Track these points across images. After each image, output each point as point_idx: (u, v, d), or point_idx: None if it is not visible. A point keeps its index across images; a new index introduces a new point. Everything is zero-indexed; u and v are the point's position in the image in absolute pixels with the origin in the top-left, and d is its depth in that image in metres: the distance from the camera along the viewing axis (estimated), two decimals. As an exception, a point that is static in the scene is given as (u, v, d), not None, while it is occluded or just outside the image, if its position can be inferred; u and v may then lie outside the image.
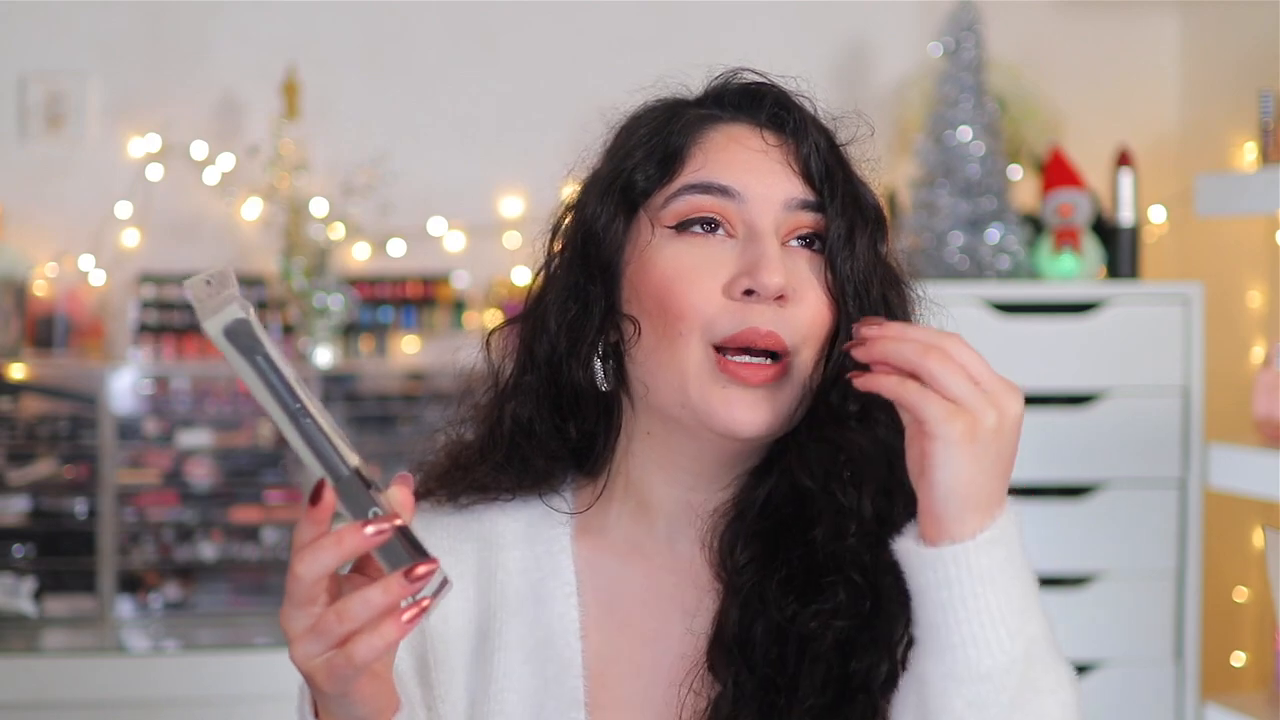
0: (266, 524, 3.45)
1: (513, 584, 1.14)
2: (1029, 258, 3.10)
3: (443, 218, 3.57)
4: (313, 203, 3.45)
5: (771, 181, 1.10)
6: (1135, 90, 3.60)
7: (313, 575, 0.90)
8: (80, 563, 3.37)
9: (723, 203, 1.09)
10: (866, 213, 1.12)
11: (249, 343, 0.88)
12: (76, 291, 3.52)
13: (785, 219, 1.09)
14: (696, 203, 1.09)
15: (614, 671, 1.12)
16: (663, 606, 1.13)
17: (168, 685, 3.12)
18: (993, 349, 1.05)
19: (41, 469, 3.42)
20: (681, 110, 1.14)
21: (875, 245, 1.12)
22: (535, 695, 1.11)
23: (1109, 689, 2.97)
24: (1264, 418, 2.38)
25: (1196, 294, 2.97)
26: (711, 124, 1.13)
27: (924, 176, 3.15)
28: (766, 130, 1.12)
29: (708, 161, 1.11)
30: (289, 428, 0.89)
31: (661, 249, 1.09)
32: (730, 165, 1.10)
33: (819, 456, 1.08)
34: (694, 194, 1.09)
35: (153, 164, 3.52)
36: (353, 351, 3.54)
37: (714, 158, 1.11)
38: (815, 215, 1.10)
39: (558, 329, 1.13)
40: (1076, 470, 2.97)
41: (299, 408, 0.88)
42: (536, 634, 1.12)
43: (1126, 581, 2.98)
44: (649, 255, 1.10)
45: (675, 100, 1.16)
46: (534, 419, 1.14)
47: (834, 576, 1.06)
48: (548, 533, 1.15)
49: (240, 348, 0.88)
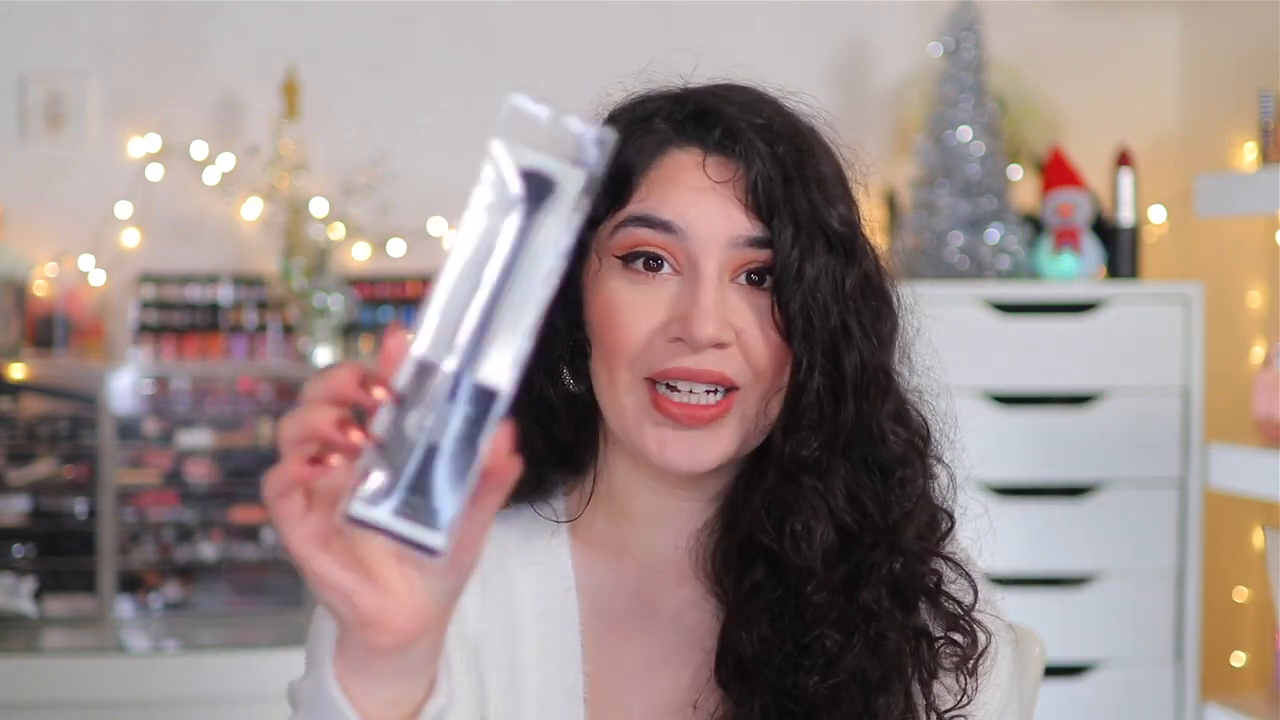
0: (266, 524, 3.45)
1: (516, 590, 1.13)
2: (1029, 258, 3.10)
3: (443, 218, 3.57)
4: (313, 203, 3.45)
5: (715, 217, 1.04)
6: (1135, 90, 3.60)
7: (292, 432, 0.74)
8: (80, 563, 3.37)
9: (665, 238, 1.04)
10: (830, 238, 1.05)
11: (562, 202, 0.68)
12: (76, 291, 3.52)
13: (731, 256, 1.05)
14: (639, 236, 1.05)
15: (613, 682, 1.12)
16: (657, 613, 1.13)
17: (167, 685, 3.12)
18: (993, 349, 1.05)
19: (41, 469, 3.42)
20: (636, 129, 1.09)
21: (836, 270, 1.06)
22: (539, 690, 1.11)
23: (1109, 689, 2.97)
24: (1264, 418, 2.38)
25: (1196, 294, 2.97)
26: (662, 148, 1.07)
27: (924, 177, 3.15)
28: (715, 157, 1.06)
29: (652, 192, 1.06)
30: (451, 282, 0.69)
31: (608, 280, 1.06)
32: (673, 199, 1.05)
33: (770, 507, 1.06)
34: (637, 227, 1.05)
35: (153, 164, 3.52)
36: (353, 352, 3.54)
37: (659, 189, 1.06)
38: (764, 251, 1.04)
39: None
40: (1076, 470, 2.97)
41: (481, 281, 0.69)
42: (540, 637, 1.12)
43: (1126, 582, 2.98)
44: (597, 283, 1.07)
45: (636, 112, 1.11)
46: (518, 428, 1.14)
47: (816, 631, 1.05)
48: (545, 540, 1.15)
49: (525, 199, 0.68)
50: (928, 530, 1.10)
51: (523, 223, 0.68)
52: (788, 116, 1.10)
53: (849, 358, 1.06)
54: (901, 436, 1.09)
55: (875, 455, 1.07)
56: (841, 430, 1.06)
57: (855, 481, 1.07)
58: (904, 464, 1.08)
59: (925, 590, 1.08)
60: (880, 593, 1.06)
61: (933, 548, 1.10)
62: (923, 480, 1.10)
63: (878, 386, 1.07)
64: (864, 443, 1.07)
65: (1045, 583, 2.96)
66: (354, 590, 0.75)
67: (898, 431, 1.09)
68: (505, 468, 0.70)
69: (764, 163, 1.05)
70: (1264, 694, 2.68)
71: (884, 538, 1.07)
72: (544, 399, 1.11)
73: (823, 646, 1.04)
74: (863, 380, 1.06)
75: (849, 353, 1.06)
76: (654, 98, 1.12)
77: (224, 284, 3.52)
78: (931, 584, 1.09)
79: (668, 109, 1.09)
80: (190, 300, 3.50)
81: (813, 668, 1.04)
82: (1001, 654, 1.13)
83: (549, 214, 0.68)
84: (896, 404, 1.10)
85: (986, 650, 1.10)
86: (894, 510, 1.07)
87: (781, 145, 1.06)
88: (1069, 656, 2.94)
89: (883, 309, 1.10)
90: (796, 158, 1.06)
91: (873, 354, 1.07)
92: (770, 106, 1.10)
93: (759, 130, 1.06)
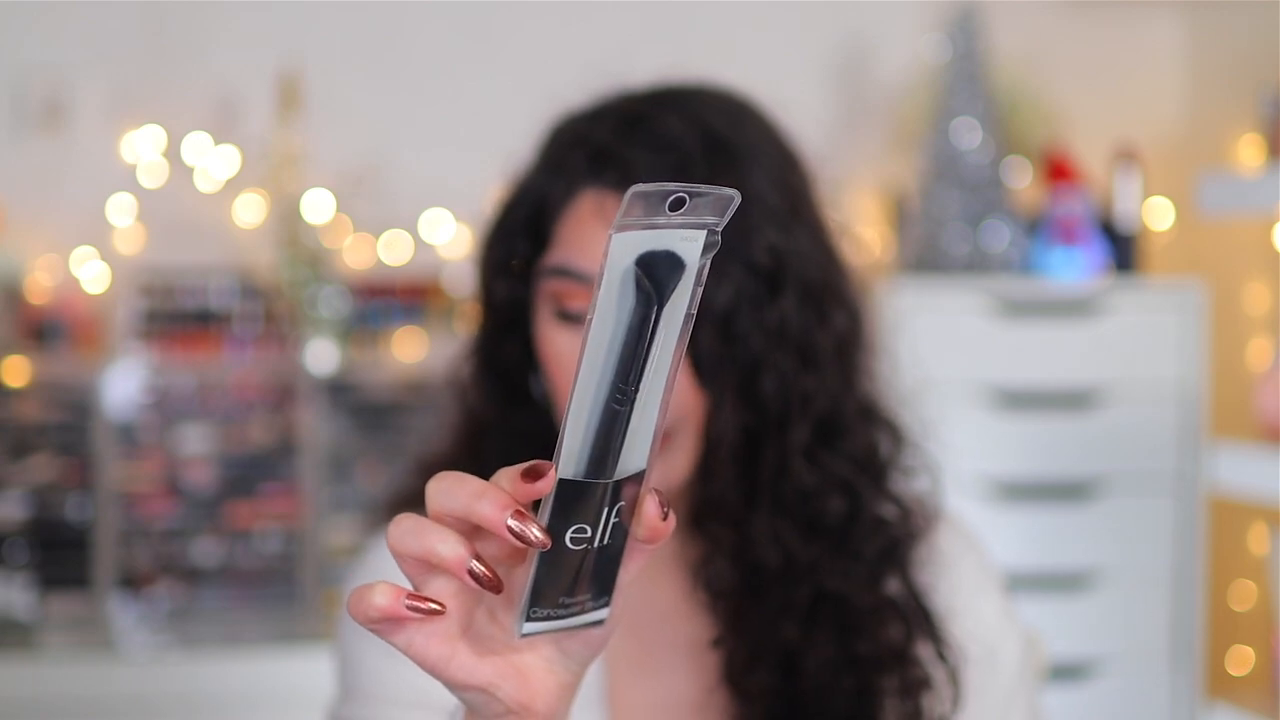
0: (265, 525, 3.44)
1: None
2: (1030, 256, 3.09)
3: (441, 216, 3.56)
4: (311, 201, 3.44)
5: None
6: (1138, 88, 3.59)
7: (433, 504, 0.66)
8: (78, 564, 3.36)
9: (580, 287, 1.03)
10: (748, 265, 1.01)
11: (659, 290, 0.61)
12: (73, 290, 3.51)
13: None
14: (556, 287, 1.05)
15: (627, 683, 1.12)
16: (659, 610, 1.13)
17: (166, 686, 3.11)
18: (993, 347, 1.03)
19: (39, 469, 3.41)
20: (550, 169, 1.08)
21: (757, 299, 1.01)
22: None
23: (1109, 689, 2.96)
24: (1269, 416, 2.37)
25: (1199, 292, 2.96)
26: (571, 190, 1.06)
27: (925, 174, 3.14)
28: (614, 197, 1.03)
29: (565, 239, 1.05)
30: (590, 398, 0.64)
31: (543, 326, 1.07)
32: (584, 245, 1.04)
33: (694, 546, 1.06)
34: (554, 278, 1.05)
35: (150, 162, 3.51)
36: (349, 351, 3.53)
37: (571, 235, 1.05)
38: None
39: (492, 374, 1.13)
40: (1077, 469, 2.96)
41: (626, 391, 0.63)
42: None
43: (1127, 581, 2.97)
44: (538, 327, 1.08)
45: (553, 148, 1.10)
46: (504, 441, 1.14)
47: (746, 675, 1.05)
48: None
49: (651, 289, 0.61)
50: (875, 556, 1.06)
51: (655, 313, 0.62)
52: (716, 134, 1.05)
53: (767, 390, 1.02)
54: (832, 466, 1.05)
55: (797, 489, 1.04)
56: (762, 467, 1.03)
57: (775, 519, 1.04)
58: (832, 495, 1.05)
59: (870, 614, 1.05)
60: (798, 628, 1.03)
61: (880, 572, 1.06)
62: (857, 507, 1.06)
63: (805, 414, 1.04)
64: (786, 478, 1.04)
65: (1045, 583, 2.95)
66: (494, 685, 0.69)
67: (828, 460, 1.05)
68: (660, 531, 0.67)
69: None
70: (1264, 695, 2.67)
71: (805, 574, 1.04)
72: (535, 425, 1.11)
73: (757, 684, 1.03)
74: (784, 411, 1.03)
75: (768, 384, 1.02)
76: (570, 126, 1.10)
77: (222, 283, 3.50)
78: (878, 607, 1.05)
79: (576, 145, 1.07)
80: (187, 299, 3.49)
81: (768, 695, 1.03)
82: (1003, 659, 1.12)
83: (678, 293, 0.62)
84: (835, 426, 1.06)
85: (963, 667, 1.08)
86: (817, 545, 1.04)
87: (693, 176, 1.02)
88: (1069, 656, 2.94)
89: (826, 323, 1.05)
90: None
91: (800, 380, 1.03)
92: (698, 123, 1.06)
93: (664, 165, 1.03)
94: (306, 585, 3.40)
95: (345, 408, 3.46)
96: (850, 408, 1.08)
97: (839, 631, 1.04)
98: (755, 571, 1.04)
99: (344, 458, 3.45)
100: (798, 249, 1.04)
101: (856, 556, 1.05)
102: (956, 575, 1.12)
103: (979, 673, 1.10)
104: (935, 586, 1.10)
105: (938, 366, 2.81)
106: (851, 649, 1.04)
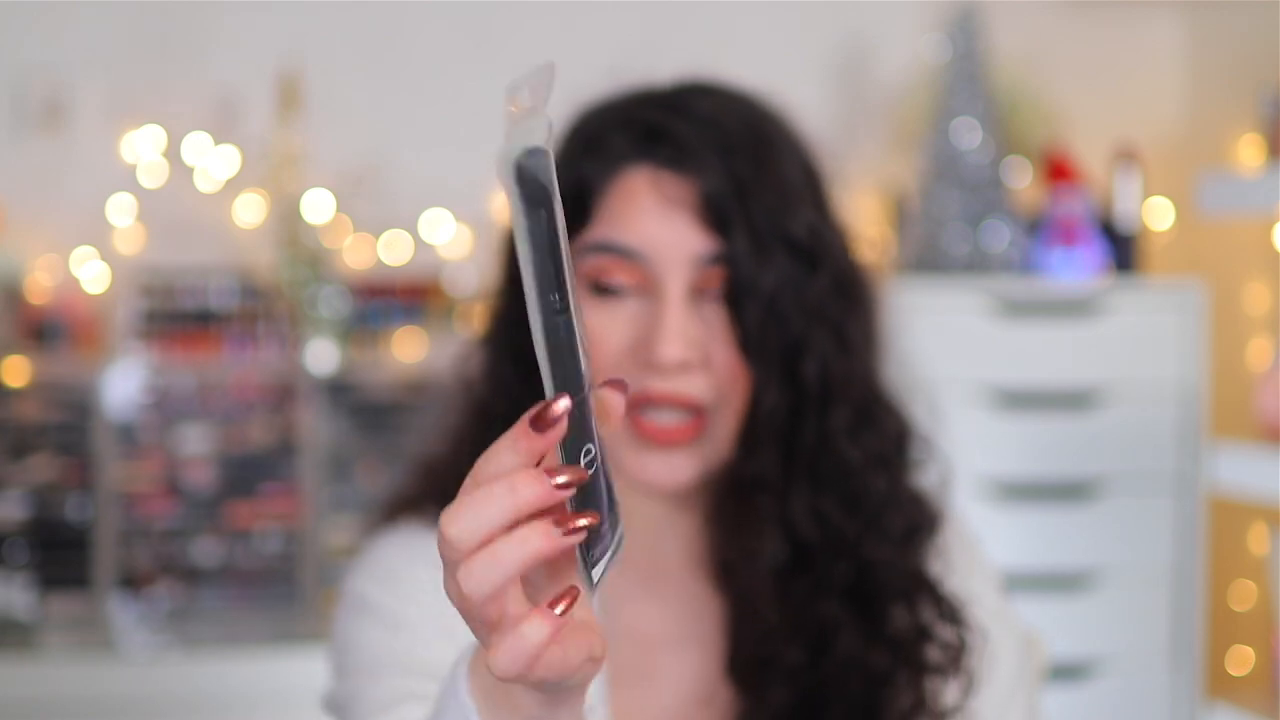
0: (265, 525, 3.44)
1: None
2: (1030, 256, 3.09)
3: (441, 216, 3.56)
4: (311, 201, 3.44)
5: (674, 238, 1.03)
6: (1138, 87, 3.59)
7: (467, 536, 0.63)
8: (78, 564, 3.36)
9: (627, 263, 1.04)
10: (791, 246, 1.04)
11: (537, 191, 0.63)
12: (73, 290, 3.51)
13: (695, 274, 1.03)
14: (601, 263, 1.04)
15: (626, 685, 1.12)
16: (663, 607, 1.13)
17: (166, 686, 3.11)
18: (993, 347, 1.04)
19: (39, 469, 3.40)
20: (590, 147, 1.08)
21: (798, 279, 1.04)
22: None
23: (1109, 689, 2.96)
24: (1269, 416, 2.37)
25: (1199, 292, 2.96)
26: (616, 168, 1.06)
27: (925, 174, 3.14)
28: (668, 174, 1.04)
29: (610, 215, 1.05)
30: (537, 318, 0.65)
31: (583, 301, 1.06)
32: (631, 222, 1.04)
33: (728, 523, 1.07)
34: (598, 254, 1.05)
35: (151, 162, 3.51)
36: (349, 351, 3.53)
37: (617, 211, 1.05)
38: (724, 266, 1.03)
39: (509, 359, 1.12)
40: (1077, 469, 2.96)
41: (557, 301, 0.65)
42: None
43: (1127, 581, 2.97)
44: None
45: (590, 127, 1.10)
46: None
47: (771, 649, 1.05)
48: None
49: (526, 195, 0.63)
50: (904, 535, 1.09)
51: (550, 208, 0.64)
52: (749, 120, 1.08)
53: (810, 369, 1.04)
54: (870, 444, 1.07)
55: (839, 466, 1.06)
56: (802, 444, 1.05)
57: (816, 495, 1.05)
58: (873, 472, 1.07)
59: (901, 594, 1.07)
60: (835, 604, 1.05)
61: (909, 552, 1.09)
62: (893, 487, 1.09)
63: (844, 395, 1.06)
64: (826, 455, 1.06)
65: (1045, 582, 2.95)
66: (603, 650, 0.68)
67: (867, 439, 1.07)
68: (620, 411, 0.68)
69: (717, 176, 1.03)
70: (1264, 695, 2.67)
71: (847, 549, 1.06)
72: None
73: (783, 661, 1.04)
74: (825, 391, 1.05)
75: (810, 364, 1.04)
76: (608, 110, 1.11)
77: (222, 283, 3.50)
78: (908, 587, 1.08)
79: (620, 125, 1.08)
80: (187, 299, 3.49)
81: (786, 678, 1.04)
82: (1002, 658, 1.12)
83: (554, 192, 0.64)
84: (869, 408, 1.08)
85: (983, 650, 1.09)
86: (858, 520, 1.06)
87: (737, 155, 1.04)
88: (1069, 656, 2.94)
89: (856, 309, 1.08)
90: (753, 166, 1.04)
91: (838, 362, 1.06)
92: (731, 110, 1.08)
93: (712, 142, 1.05)
94: (306, 585, 3.40)
95: (345, 408, 3.46)
96: (879, 392, 1.11)
97: (872, 608, 1.06)
98: (796, 547, 1.05)
99: (344, 458, 3.45)
100: (829, 235, 1.07)
101: (890, 535, 1.08)
102: (956, 575, 1.13)
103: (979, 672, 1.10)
104: (945, 578, 1.11)
105: (938, 367, 2.80)
106: (882, 627, 1.05)
